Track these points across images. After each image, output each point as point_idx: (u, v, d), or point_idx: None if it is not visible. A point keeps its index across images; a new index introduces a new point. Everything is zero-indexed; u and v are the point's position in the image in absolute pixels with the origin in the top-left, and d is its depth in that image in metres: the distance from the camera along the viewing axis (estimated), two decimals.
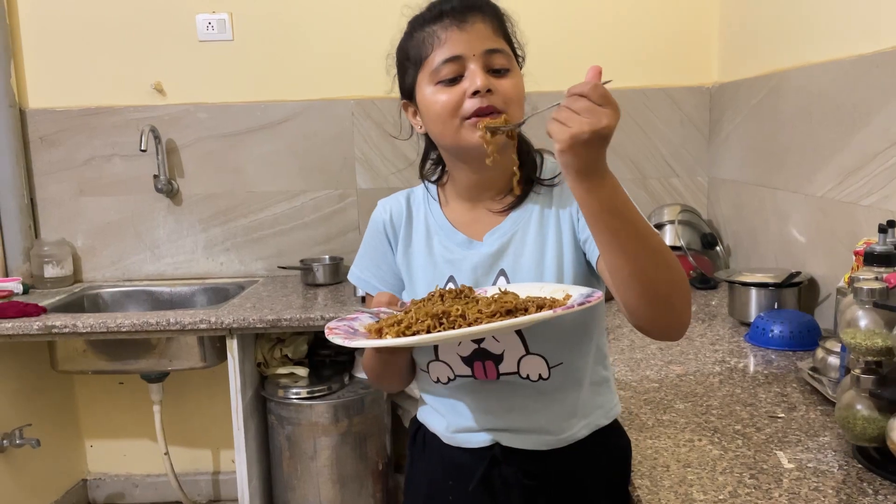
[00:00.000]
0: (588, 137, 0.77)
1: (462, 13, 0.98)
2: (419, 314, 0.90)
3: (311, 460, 2.34)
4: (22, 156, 2.63)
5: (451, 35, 0.97)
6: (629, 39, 2.60)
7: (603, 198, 0.82)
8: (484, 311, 0.88)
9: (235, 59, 2.63)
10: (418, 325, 0.88)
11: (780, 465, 1.08)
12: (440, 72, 0.98)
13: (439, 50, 0.98)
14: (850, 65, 1.68)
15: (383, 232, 1.12)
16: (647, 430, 1.23)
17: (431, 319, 0.88)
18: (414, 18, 1.03)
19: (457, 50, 0.97)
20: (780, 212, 2.06)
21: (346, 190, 2.70)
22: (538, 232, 1.03)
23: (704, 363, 1.58)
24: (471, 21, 0.98)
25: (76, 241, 2.74)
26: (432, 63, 0.98)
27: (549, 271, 1.01)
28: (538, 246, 1.03)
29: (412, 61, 1.02)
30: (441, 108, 0.98)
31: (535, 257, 1.02)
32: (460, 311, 0.89)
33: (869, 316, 1.06)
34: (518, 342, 1.00)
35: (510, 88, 0.98)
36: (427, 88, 1.00)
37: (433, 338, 0.85)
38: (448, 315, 0.89)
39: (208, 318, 2.16)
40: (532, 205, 1.05)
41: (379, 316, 0.97)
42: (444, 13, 0.99)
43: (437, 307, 0.91)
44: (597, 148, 0.79)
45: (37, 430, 2.50)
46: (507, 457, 1.05)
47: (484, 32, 0.98)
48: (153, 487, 2.89)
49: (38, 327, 2.14)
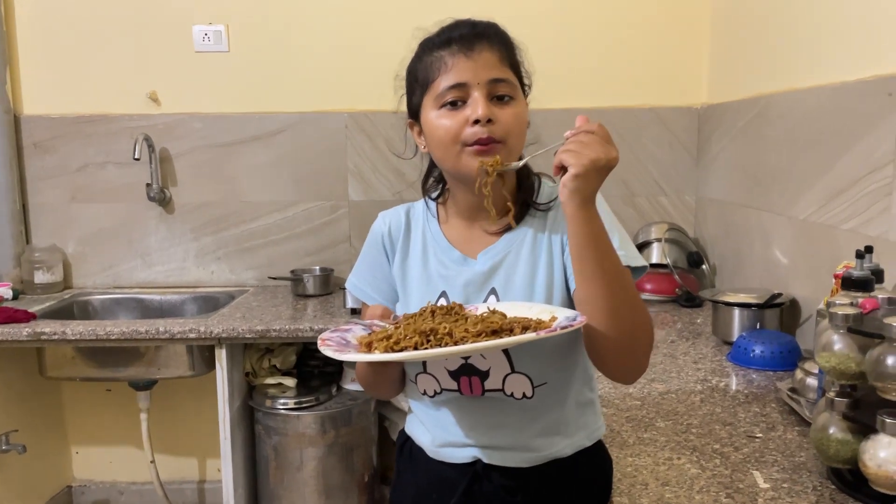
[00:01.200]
0: (603, 164, 0.87)
1: (470, 41, 1.02)
2: (408, 331, 0.92)
3: (297, 471, 2.35)
4: (15, 161, 2.65)
5: (458, 62, 1.01)
6: (620, 60, 2.64)
7: (595, 227, 0.90)
8: (470, 331, 0.91)
9: (231, 70, 2.66)
10: (406, 341, 0.91)
11: (756, 484, 1.11)
12: (444, 97, 1.01)
13: (445, 75, 1.01)
14: (833, 91, 1.72)
15: (381, 244, 1.15)
16: (627, 448, 1.25)
17: (419, 336, 0.91)
18: (424, 41, 1.07)
19: (462, 77, 1.00)
20: (765, 233, 2.09)
21: (337, 202, 2.73)
22: (530, 253, 1.06)
23: (686, 381, 1.60)
24: (478, 49, 1.01)
25: (67, 247, 2.74)
26: (438, 87, 1.02)
27: (539, 292, 1.04)
28: (530, 267, 1.06)
29: (419, 83, 1.06)
30: (444, 133, 1.01)
31: (526, 278, 1.05)
32: (447, 330, 0.92)
33: (844, 340, 1.09)
34: (504, 360, 1.02)
35: (511, 118, 1.02)
36: (431, 112, 1.03)
37: (419, 355, 0.88)
38: (436, 333, 0.91)
39: (198, 327, 2.17)
40: (527, 227, 1.08)
41: (372, 328, 0.99)
42: (453, 39, 1.02)
43: (427, 324, 0.93)
44: (603, 177, 0.89)
45: (23, 435, 2.50)
46: (489, 473, 1.07)
47: (490, 61, 1.01)
48: (138, 495, 2.88)
49: (28, 334, 2.15)
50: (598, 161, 0.86)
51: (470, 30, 1.03)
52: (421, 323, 0.94)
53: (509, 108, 1.02)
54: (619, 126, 2.64)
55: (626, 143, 2.66)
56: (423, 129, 1.07)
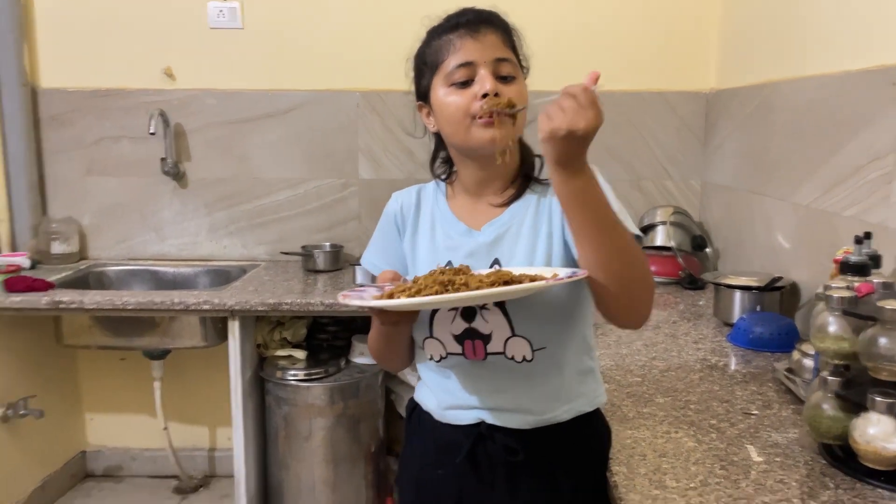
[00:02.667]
0: (564, 134, 0.89)
1: (476, 25, 1.10)
2: (427, 281, 0.98)
3: (305, 440, 2.42)
4: (32, 134, 2.69)
5: (466, 43, 1.08)
6: (629, 43, 2.66)
7: (575, 189, 0.94)
8: (485, 281, 0.97)
9: (245, 47, 2.69)
10: (427, 290, 0.96)
11: (750, 458, 1.16)
12: (454, 75, 1.08)
13: (454, 56, 1.09)
14: (838, 80, 1.75)
15: (394, 221, 1.23)
16: (627, 422, 1.31)
17: (439, 286, 0.96)
18: (432, 28, 1.15)
19: (470, 56, 1.08)
20: (768, 218, 2.13)
21: (348, 179, 2.77)
22: (532, 225, 1.13)
23: (686, 360, 1.65)
24: (483, 32, 1.09)
25: (83, 219, 2.80)
26: (447, 67, 1.09)
27: (539, 261, 1.10)
28: (531, 238, 1.12)
29: (429, 66, 1.13)
30: (454, 109, 1.09)
31: (527, 248, 1.11)
32: (464, 280, 0.98)
33: (838, 322, 1.14)
34: (505, 323, 1.08)
35: (515, 94, 1.09)
36: (441, 90, 1.10)
37: (440, 299, 0.93)
38: (453, 283, 0.97)
39: (211, 299, 2.23)
40: (528, 201, 1.15)
41: (384, 289, 1.04)
42: (460, 24, 1.11)
43: (445, 276, 0.99)
44: (572, 145, 0.90)
45: (40, 401, 2.58)
46: (493, 434, 1.13)
47: (495, 43, 1.09)
48: (151, 461, 2.97)
49: (46, 302, 2.21)
50: (558, 131, 0.88)
51: (475, 16, 1.11)
52: (439, 276, 0.99)
53: (513, 86, 1.09)
54: (626, 110, 2.67)
55: (633, 127, 2.69)
56: (433, 108, 1.14)
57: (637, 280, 1.00)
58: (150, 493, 2.86)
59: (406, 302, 0.94)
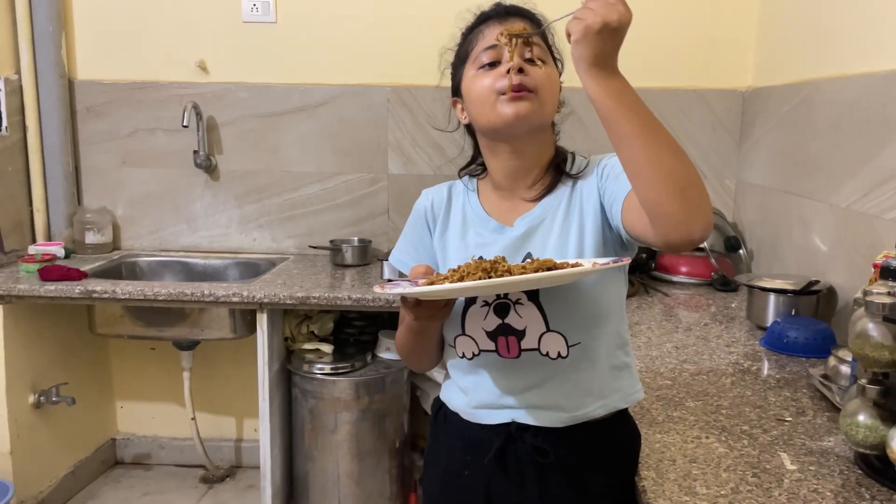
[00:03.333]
0: (599, 28, 0.87)
1: (503, 14, 1.13)
2: (470, 268, 0.97)
3: (331, 434, 2.42)
4: (69, 125, 2.74)
5: (493, 29, 1.11)
6: (665, 39, 2.62)
7: (612, 89, 0.90)
8: (528, 268, 0.96)
9: (277, 41, 2.70)
10: (470, 277, 0.95)
11: (783, 465, 1.13)
12: (481, 58, 1.10)
13: (482, 41, 1.11)
14: (882, 79, 1.70)
15: (424, 218, 1.22)
16: (657, 426, 1.28)
17: (482, 273, 0.95)
18: (466, 27, 1.18)
19: (496, 39, 1.09)
20: (804, 220, 2.08)
21: (377, 174, 2.77)
22: (564, 219, 1.11)
23: (718, 364, 1.62)
24: (511, 20, 1.11)
25: (117, 209, 2.84)
26: (475, 53, 1.12)
27: (571, 255, 1.09)
28: (563, 231, 1.11)
29: (460, 58, 1.16)
30: (481, 87, 1.10)
31: (559, 241, 1.10)
32: (506, 267, 0.97)
33: (878, 329, 1.10)
34: (539, 318, 1.07)
35: (542, 75, 1.09)
36: (470, 73, 1.12)
37: (487, 283, 0.91)
38: (496, 270, 0.96)
39: (240, 291, 2.24)
40: (560, 195, 1.14)
41: (417, 283, 1.03)
42: (490, 16, 1.13)
43: (486, 263, 0.98)
44: (607, 41, 0.88)
45: (72, 388, 2.62)
46: (522, 434, 1.12)
47: (523, 27, 1.10)
48: (178, 450, 3.00)
49: (80, 291, 2.25)
50: (593, 26, 0.87)
51: (504, 8, 1.14)
52: (480, 263, 0.98)
53: (540, 70, 1.09)
54: (661, 107, 2.63)
55: (668, 125, 2.59)
56: (464, 95, 1.14)
57: (692, 177, 0.91)
58: (178, 481, 2.89)
59: (450, 287, 0.92)
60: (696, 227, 0.90)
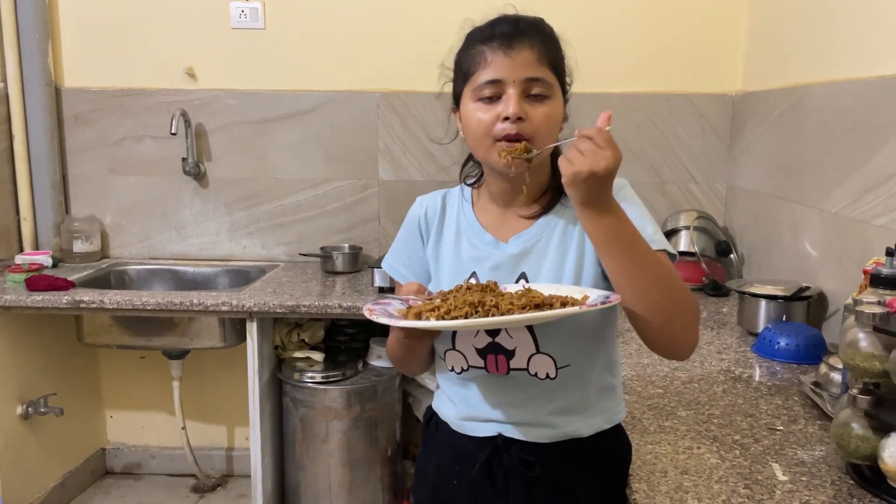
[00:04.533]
0: (586, 176, 0.91)
1: (510, 39, 1.05)
2: (457, 301, 0.96)
3: (322, 443, 2.41)
4: (56, 133, 2.71)
5: (497, 59, 1.04)
6: (655, 45, 2.62)
7: (605, 227, 0.95)
8: (515, 304, 0.95)
9: (266, 47, 2.69)
10: (457, 311, 0.95)
11: (775, 476, 1.13)
12: (482, 91, 1.05)
13: (484, 70, 1.05)
14: (872, 85, 1.70)
15: (417, 226, 1.20)
16: (648, 435, 1.28)
17: (469, 307, 0.95)
18: (470, 33, 1.11)
19: (499, 74, 1.04)
20: (795, 225, 2.08)
21: (368, 181, 2.76)
22: (561, 240, 1.10)
23: (710, 371, 1.62)
24: (517, 48, 1.04)
25: (105, 218, 2.82)
26: (476, 81, 1.06)
27: (568, 279, 1.07)
28: (560, 254, 1.09)
29: (462, 73, 1.11)
30: (477, 125, 1.06)
31: (555, 264, 1.08)
32: (494, 302, 0.96)
33: (869, 339, 1.09)
34: (530, 340, 1.06)
35: (542, 117, 1.05)
36: (469, 103, 1.08)
37: (472, 323, 0.92)
38: (483, 304, 0.96)
39: (230, 300, 2.23)
40: (559, 215, 1.12)
41: (408, 303, 1.03)
42: (495, 36, 1.06)
43: (474, 296, 0.97)
44: (596, 185, 0.92)
45: (61, 398, 2.60)
46: (509, 447, 1.11)
47: (528, 60, 1.04)
48: (169, 459, 2.98)
49: (67, 301, 2.22)
50: (580, 174, 0.91)
51: (512, 27, 1.06)
52: (469, 295, 0.98)
53: (542, 107, 1.05)
54: (651, 111, 2.63)
55: (657, 130, 2.64)
56: (462, 118, 1.12)
57: (677, 310, 0.98)
58: (169, 491, 2.87)
59: (435, 324, 0.93)
60: (677, 352, 1.04)
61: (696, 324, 1.01)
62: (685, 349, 1.03)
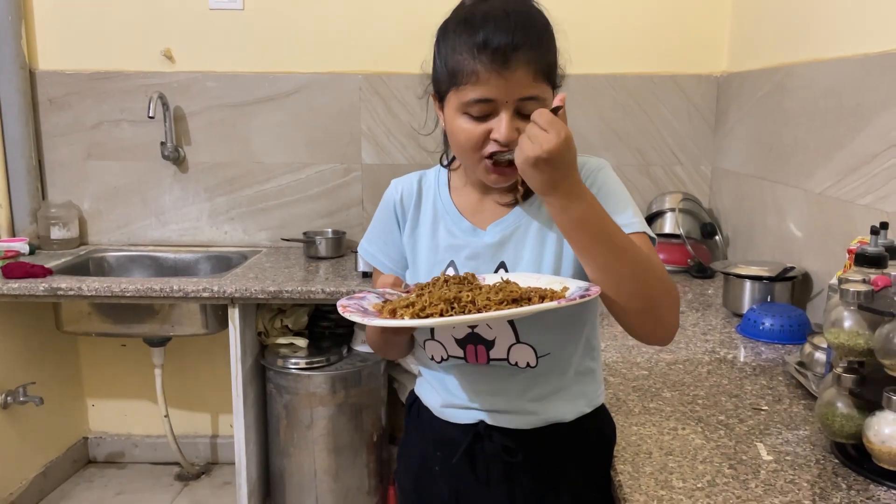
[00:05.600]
0: (533, 162, 0.87)
1: (505, 55, 0.93)
2: (433, 298, 0.94)
3: (307, 429, 2.39)
4: (31, 117, 2.66)
5: (491, 78, 0.94)
6: (639, 24, 2.59)
7: (571, 214, 0.90)
8: (492, 299, 0.92)
9: (245, 28, 2.64)
10: (431, 307, 0.92)
11: (760, 456, 1.12)
12: (471, 108, 0.97)
13: (475, 87, 0.95)
14: (856, 64, 1.69)
15: (393, 211, 1.16)
16: (632, 417, 1.27)
17: (444, 304, 0.92)
18: (460, 23, 0.99)
19: (492, 94, 0.95)
20: (779, 206, 2.08)
21: (350, 165, 2.72)
22: (540, 229, 1.06)
23: (695, 352, 1.61)
24: (512, 67, 0.94)
25: (83, 204, 2.77)
26: (465, 95, 0.97)
27: (547, 268, 1.05)
28: (539, 242, 1.06)
29: (448, 71, 0.99)
30: (465, 139, 0.99)
31: (535, 253, 1.06)
32: (470, 298, 0.93)
33: (853, 317, 1.09)
34: (510, 331, 1.04)
35: None
36: (455, 113, 0.99)
37: (446, 321, 0.89)
38: (459, 301, 0.93)
39: (211, 286, 2.20)
40: (538, 203, 1.07)
41: (384, 296, 1.01)
42: (488, 48, 0.94)
43: (450, 292, 0.94)
44: (549, 170, 0.88)
45: (40, 388, 2.56)
46: (491, 433, 1.10)
47: (523, 80, 0.95)
48: (152, 448, 2.95)
49: (44, 289, 2.18)
50: (528, 160, 0.87)
51: (507, 40, 0.93)
52: (444, 291, 0.95)
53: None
54: (635, 93, 2.61)
55: (643, 111, 2.63)
56: (445, 119, 1.03)
57: (656, 297, 0.95)
58: (153, 479, 2.85)
59: (409, 323, 0.90)
60: (657, 339, 1.01)
61: (676, 309, 0.99)
62: (665, 335, 1.00)
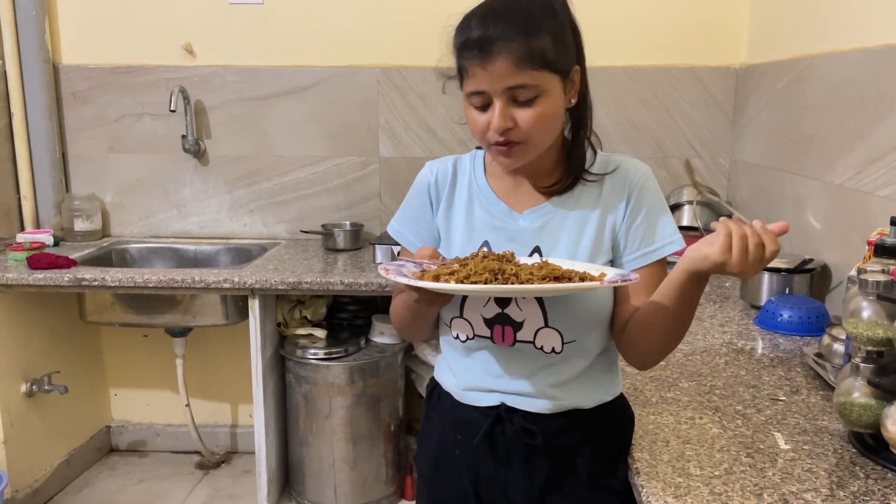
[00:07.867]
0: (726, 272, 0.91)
1: (482, 49, 0.98)
2: (478, 267, 0.95)
3: (326, 419, 2.42)
4: (55, 111, 2.70)
5: (476, 72, 1.00)
6: (658, 17, 2.58)
7: (690, 293, 0.98)
8: (535, 274, 0.93)
9: (265, 23, 2.66)
10: (477, 276, 0.93)
11: (777, 445, 1.13)
12: (472, 99, 1.04)
13: (468, 80, 1.03)
14: (877, 54, 1.68)
15: (427, 192, 1.18)
16: (650, 407, 1.28)
17: (489, 273, 0.93)
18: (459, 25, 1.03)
19: (480, 86, 1.00)
20: (798, 198, 2.07)
21: (369, 157, 2.74)
22: (576, 222, 1.09)
23: (712, 344, 1.61)
24: (491, 59, 0.97)
25: (105, 196, 2.81)
26: (466, 88, 1.04)
27: (582, 257, 1.07)
28: (575, 235, 1.08)
29: (456, 68, 1.07)
30: (473, 128, 1.06)
31: (571, 241, 1.08)
32: (514, 271, 0.94)
33: (872, 307, 1.09)
34: (539, 313, 1.06)
35: (531, 120, 1.00)
36: (466, 104, 1.06)
37: (493, 289, 0.91)
38: (503, 272, 0.94)
39: (231, 277, 2.22)
40: (576, 195, 1.10)
41: (423, 266, 1.01)
42: (470, 42, 0.99)
43: (493, 264, 0.96)
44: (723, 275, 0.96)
45: (65, 377, 2.61)
46: (511, 416, 1.11)
47: (505, 70, 0.97)
48: (173, 437, 3.00)
49: (69, 279, 2.22)
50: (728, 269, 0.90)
51: (482, 32, 0.97)
52: (489, 262, 0.96)
53: (530, 111, 1.00)
54: (654, 85, 2.61)
55: (661, 103, 2.62)
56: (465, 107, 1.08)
57: (672, 348, 1.07)
58: (174, 468, 2.89)
59: (455, 287, 0.91)
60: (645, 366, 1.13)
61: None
62: (653, 365, 1.13)
